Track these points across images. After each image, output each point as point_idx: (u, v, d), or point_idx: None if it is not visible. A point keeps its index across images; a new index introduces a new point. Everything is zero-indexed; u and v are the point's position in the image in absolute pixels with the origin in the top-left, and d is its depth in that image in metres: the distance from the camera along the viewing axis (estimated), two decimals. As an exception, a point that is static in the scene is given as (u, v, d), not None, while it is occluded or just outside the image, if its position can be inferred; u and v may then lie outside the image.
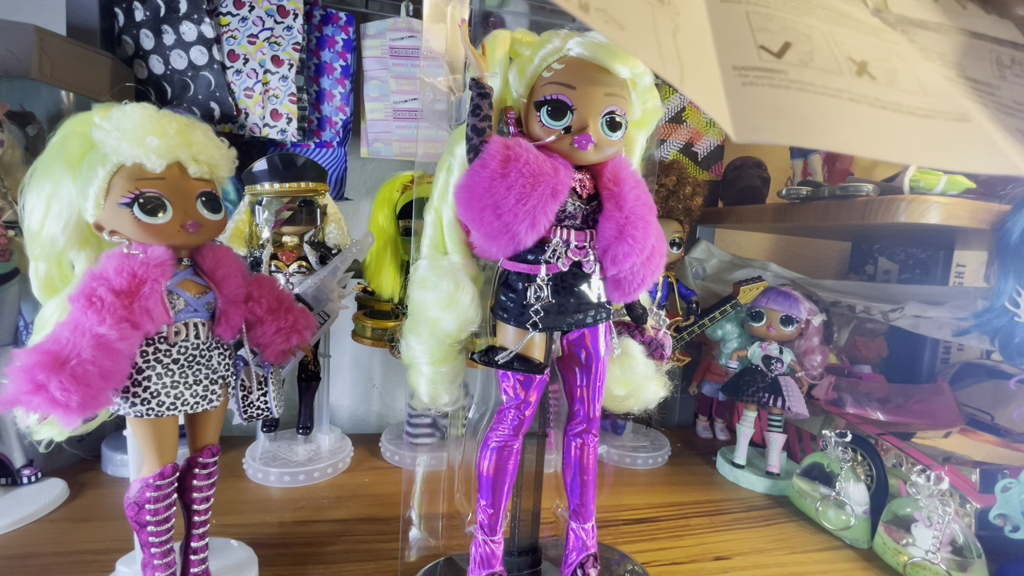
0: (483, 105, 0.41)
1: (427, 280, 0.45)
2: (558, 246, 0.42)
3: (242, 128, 0.83)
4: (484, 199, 0.39)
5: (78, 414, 0.37)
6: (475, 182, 0.39)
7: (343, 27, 0.88)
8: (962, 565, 0.61)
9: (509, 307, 0.43)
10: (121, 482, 0.72)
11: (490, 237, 0.41)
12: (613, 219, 0.41)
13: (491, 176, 0.39)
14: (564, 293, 0.42)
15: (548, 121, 0.41)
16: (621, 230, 0.41)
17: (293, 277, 0.73)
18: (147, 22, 0.79)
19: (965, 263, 0.98)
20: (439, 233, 0.46)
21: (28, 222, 0.42)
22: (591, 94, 0.40)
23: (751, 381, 0.83)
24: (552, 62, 0.41)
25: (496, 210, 0.39)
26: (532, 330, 0.42)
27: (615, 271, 0.42)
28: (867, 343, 1.02)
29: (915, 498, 0.63)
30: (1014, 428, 0.76)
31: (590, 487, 0.49)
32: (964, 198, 0.64)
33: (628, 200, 0.42)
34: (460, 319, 0.44)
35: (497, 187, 0.38)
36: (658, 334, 0.49)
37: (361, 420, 1.05)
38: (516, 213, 0.38)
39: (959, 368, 0.91)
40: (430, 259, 0.46)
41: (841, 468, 0.72)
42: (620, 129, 0.42)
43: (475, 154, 0.41)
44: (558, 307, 0.42)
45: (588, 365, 0.46)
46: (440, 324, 0.44)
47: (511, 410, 0.45)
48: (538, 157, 0.40)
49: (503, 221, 0.39)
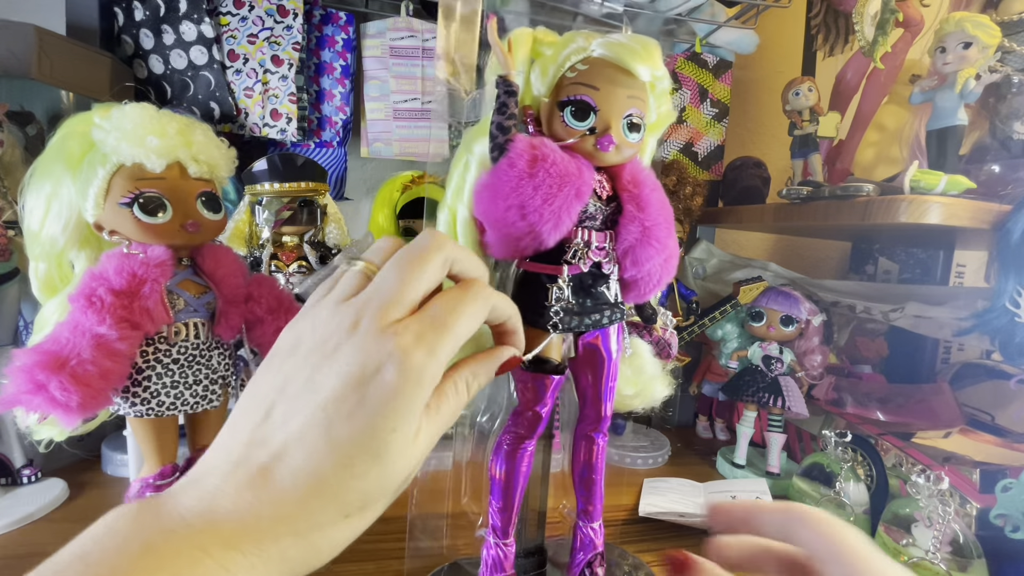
0: (510, 103, 0.40)
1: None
2: (579, 247, 0.41)
3: (242, 128, 0.83)
4: (510, 199, 0.38)
5: (78, 414, 0.37)
6: (501, 181, 0.39)
7: (343, 27, 0.88)
8: (962, 565, 0.61)
9: (528, 307, 0.42)
10: (121, 482, 0.72)
11: (512, 237, 0.40)
12: (637, 220, 0.41)
13: (519, 176, 0.38)
14: (583, 294, 0.42)
15: (572, 122, 0.40)
16: (646, 231, 0.41)
17: (293, 277, 0.73)
18: (147, 22, 0.79)
19: (965, 263, 0.98)
20: (452, 232, 0.45)
21: (28, 222, 0.42)
22: (614, 95, 0.40)
23: (751, 381, 0.83)
24: (576, 62, 0.41)
25: (521, 210, 0.38)
26: (552, 331, 0.42)
27: (635, 272, 0.42)
28: (867, 343, 1.02)
29: (915, 498, 0.63)
30: (1014, 428, 0.76)
31: (598, 486, 0.49)
32: (964, 198, 0.64)
33: (651, 202, 0.42)
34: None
35: (524, 187, 0.38)
36: (665, 333, 0.49)
37: (361, 420, 1.05)
38: (542, 213, 0.38)
39: (959, 368, 0.91)
40: None
41: (841, 468, 0.72)
42: (639, 131, 0.42)
43: (500, 152, 0.40)
44: (578, 308, 0.42)
45: (601, 366, 0.46)
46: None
47: (528, 412, 0.45)
48: (564, 157, 0.39)
49: (528, 221, 0.38)
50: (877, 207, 0.66)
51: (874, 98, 0.87)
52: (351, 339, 0.25)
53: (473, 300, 0.29)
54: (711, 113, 1.05)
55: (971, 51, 0.66)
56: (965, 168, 0.71)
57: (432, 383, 0.26)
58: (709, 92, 1.04)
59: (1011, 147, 0.74)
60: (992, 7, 0.79)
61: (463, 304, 0.28)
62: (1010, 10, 0.76)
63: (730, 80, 1.05)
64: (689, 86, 1.02)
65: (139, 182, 0.41)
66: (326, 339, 0.26)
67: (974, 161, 0.76)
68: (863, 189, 0.69)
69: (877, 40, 0.76)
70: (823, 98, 0.87)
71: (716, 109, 1.05)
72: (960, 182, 0.64)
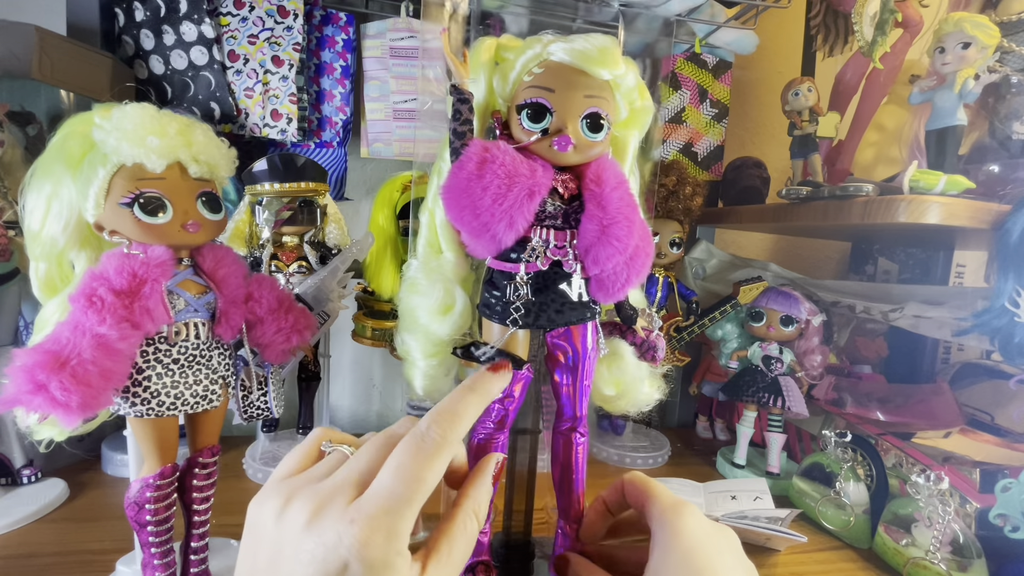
0: (463, 110, 0.42)
1: (418, 284, 0.46)
2: (537, 245, 0.42)
3: (242, 128, 0.83)
4: (463, 199, 0.40)
5: (78, 414, 0.37)
6: (454, 183, 0.41)
7: (343, 27, 0.88)
8: (962, 565, 0.61)
9: (492, 304, 0.44)
10: (121, 482, 0.72)
11: (473, 236, 0.42)
12: (595, 219, 0.42)
13: (468, 177, 0.40)
14: (544, 291, 0.43)
15: (528, 124, 0.42)
16: (604, 230, 0.41)
17: (293, 277, 0.73)
18: (147, 22, 0.79)
19: (965, 263, 0.98)
20: (433, 233, 0.47)
21: (28, 222, 0.42)
22: (570, 97, 0.41)
23: (751, 381, 0.83)
24: (532, 67, 0.42)
25: (474, 210, 0.40)
26: (512, 326, 0.43)
27: (597, 271, 0.43)
28: (867, 343, 1.02)
29: (915, 498, 0.63)
30: (1014, 428, 0.76)
31: (577, 485, 0.49)
32: (964, 198, 0.64)
33: (611, 200, 0.42)
34: (452, 326, 0.45)
35: (474, 187, 0.39)
36: (650, 336, 0.49)
37: (361, 420, 1.05)
38: (493, 213, 0.39)
39: (959, 368, 0.91)
40: (423, 260, 0.47)
41: (841, 468, 0.72)
42: (602, 130, 0.42)
43: (456, 156, 0.42)
44: (538, 305, 0.43)
45: (573, 364, 0.47)
46: (431, 329, 0.45)
47: (494, 404, 0.45)
48: (515, 159, 0.40)
49: (481, 220, 0.40)
50: (876, 207, 0.66)
51: (873, 98, 0.87)
52: (309, 536, 0.25)
53: (428, 458, 0.28)
54: (711, 113, 1.05)
55: (970, 51, 0.66)
56: (964, 168, 0.71)
57: (400, 556, 0.25)
58: (709, 92, 1.04)
59: (1010, 147, 0.75)
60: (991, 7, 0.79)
61: (417, 466, 0.27)
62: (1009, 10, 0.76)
63: (730, 80, 1.05)
64: (689, 86, 1.02)
65: (139, 182, 0.41)
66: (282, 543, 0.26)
67: (973, 161, 0.76)
68: (862, 189, 0.69)
69: (876, 40, 0.76)
70: (823, 98, 0.87)
71: (716, 109, 1.05)
72: (959, 182, 0.64)
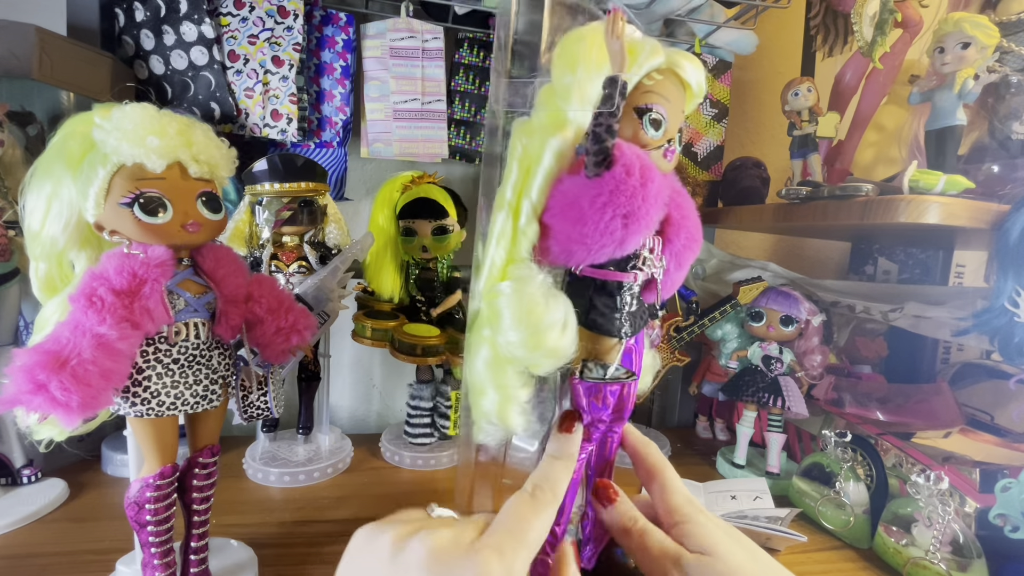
0: (622, 106, 0.38)
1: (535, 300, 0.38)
2: (645, 254, 0.42)
3: (242, 128, 0.83)
4: (620, 207, 0.37)
5: (78, 414, 0.37)
6: (619, 189, 0.37)
7: (343, 27, 0.88)
8: (962, 565, 0.61)
9: (605, 315, 0.41)
10: (121, 482, 0.72)
11: (599, 245, 0.38)
12: (683, 226, 0.42)
13: (635, 185, 0.37)
14: (636, 300, 0.43)
15: (651, 131, 0.40)
16: (692, 235, 0.42)
17: (293, 277, 0.73)
18: (147, 22, 0.79)
19: (965, 263, 0.98)
20: (513, 235, 0.40)
21: (28, 222, 0.42)
22: (676, 110, 0.41)
23: (751, 381, 0.83)
24: (655, 71, 0.40)
25: (625, 219, 0.37)
26: (624, 338, 0.42)
27: (677, 275, 0.44)
28: (867, 343, 1.02)
29: (915, 498, 0.63)
30: (1014, 428, 0.76)
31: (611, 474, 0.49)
32: (963, 198, 0.64)
33: (687, 207, 0.43)
34: (574, 343, 0.39)
35: (636, 196, 0.37)
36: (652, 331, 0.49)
37: (361, 420, 1.05)
38: (641, 223, 0.37)
39: (959, 368, 0.91)
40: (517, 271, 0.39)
41: (841, 468, 0.72)
42: (680, 145, 0.43)
43: (603, 157, 0.37)
44: (637, 313, 0.43)
45: (637, 365, 0.46)
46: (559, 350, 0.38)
47: (597, 423, 0.44)
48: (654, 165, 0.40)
49: (630, 230, 0.37)
50: (876, 207, 0.66)
51: (873, 98, 0.87)
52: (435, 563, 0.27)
53: (539, 508, 0.32)
54: (710, 113, 1.05)
55: (969, 51, 0.66)
56: (964, 168, 0.71)
57: None
58: (708, 92, 1.04)
59: (1010, 147, 0.75)
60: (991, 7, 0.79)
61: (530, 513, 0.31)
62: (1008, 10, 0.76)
63: (729, 81, 1.05)
64: (689, 86, 1.02)
65: (139, 182, 0.41)
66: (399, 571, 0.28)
67: (973, 161, 0.76)
68: (862, 189, 0.69)
69: (876, 40, 0.76)
70: (822, 98, 0.87)
71: (715, 109, 1.05)
72: (959, 182, 0.64)
